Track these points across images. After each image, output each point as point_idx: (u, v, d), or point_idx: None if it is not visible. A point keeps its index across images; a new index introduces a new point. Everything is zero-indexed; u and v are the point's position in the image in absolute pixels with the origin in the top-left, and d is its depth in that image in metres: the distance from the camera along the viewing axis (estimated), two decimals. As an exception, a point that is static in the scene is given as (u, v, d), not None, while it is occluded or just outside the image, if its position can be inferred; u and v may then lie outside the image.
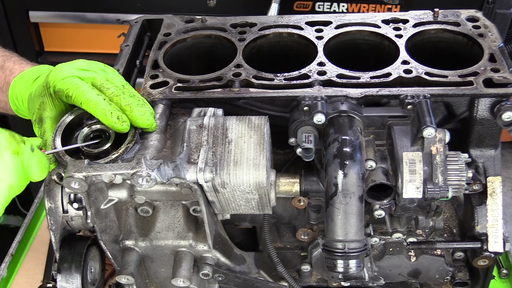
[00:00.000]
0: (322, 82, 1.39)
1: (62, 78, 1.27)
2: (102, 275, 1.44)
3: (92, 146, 1.25)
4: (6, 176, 1.13)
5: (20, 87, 1.42)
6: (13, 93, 1.44)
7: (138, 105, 1.26)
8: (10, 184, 1.14)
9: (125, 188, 1.29)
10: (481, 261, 1.47)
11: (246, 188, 1.27)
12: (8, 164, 1.13)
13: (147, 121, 1.26)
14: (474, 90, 1.34)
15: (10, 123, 3.03)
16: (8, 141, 1.14)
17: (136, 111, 1.24)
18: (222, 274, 1.42)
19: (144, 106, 1.27)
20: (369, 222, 1.42)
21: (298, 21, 1.60)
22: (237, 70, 1.44)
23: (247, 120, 1.32)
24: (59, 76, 1.27)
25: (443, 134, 1.28)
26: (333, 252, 1.27)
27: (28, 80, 1.41)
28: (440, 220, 1.42)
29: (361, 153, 1.27)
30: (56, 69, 1.30)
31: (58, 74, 1.28)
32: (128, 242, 1.38)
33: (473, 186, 1.40)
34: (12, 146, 1.14)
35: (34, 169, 1.19)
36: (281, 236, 1.59)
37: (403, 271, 1.54)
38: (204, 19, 1.65)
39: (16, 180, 1.15)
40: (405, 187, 1.27)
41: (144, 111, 1.26)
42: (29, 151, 1.18)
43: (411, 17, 1.58)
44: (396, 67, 1.42)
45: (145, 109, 1.26)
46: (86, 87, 1.25)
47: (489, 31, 1.50)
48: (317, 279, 1.62)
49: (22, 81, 1.43)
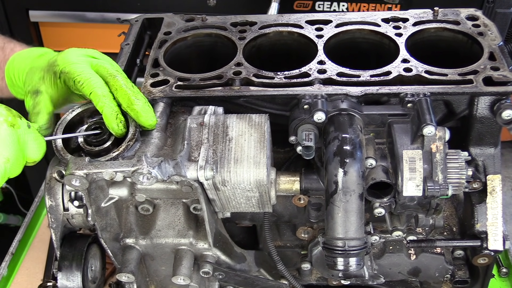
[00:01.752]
0: (322, 81, 1.39)
1: (73, 63, 1.25)
2: (103, 273, 1.44)
3: (93, 144, 1.26)
4: (2, 149, 1.09)
5: (20, 61, 1.39)
6: (11, 67, 1.39)
7: (145, 102, 1.26)
8: (6, 158, 1.09)
9: (126, 186, 1.29)
10: (481, 259, 1.47)
11: (247, 186, 1.28)
12: (4, 137, 1.09)
13: (151, 120, 1.27)
14: (474, 88, 1.34)
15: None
16: (4, 114, 1.11)
17: (143, 107, 1.25)
18: (223, 272, 1.42)
19: (149, 105, 1.28)
20: (369, 220, 1.42)
21: (298, 20, 1.61)
22: (237, 69, 1.44)
23: (248, 118, 1.32)
24: (70, 59, 1.26)
25: (443, 132, 1.28)
26: (333, 250, 1.27)
27: (30, 56, 1.38)
28: (440, 218, 1.42)
29: (361, 151, 1.27)
30: (68, 52, 1.28)
31: (69, 57, 1.26)
32: (129, 240, 1.38)
33: (473, 184, 1.40)
34: (8, 118, 1.11)
35: (31, 146, 1.16)
36: (281, 235, 1.59)
37: (403, 269, 1.54)
38: (204, 18, 1.65)
39: (13, 154, 1.11)
40: (405, 185, 1.27)
41: (150, 109, 1.27)
42: (25, 126, 1.15)
43: (411, 15, 1.58)
44: (396, 65, 1.42)
45: (150, 108, 1.27)
46: (97, 79, 1.24)
47: (489, 30, 1.50)
48: (317, 277, 1.62)
49: (23, 56, 1.39)
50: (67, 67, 1.24)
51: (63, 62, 1.25)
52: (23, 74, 1.36)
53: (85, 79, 1.23)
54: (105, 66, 1.28)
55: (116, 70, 1.28)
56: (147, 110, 1.26)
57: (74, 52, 1.29)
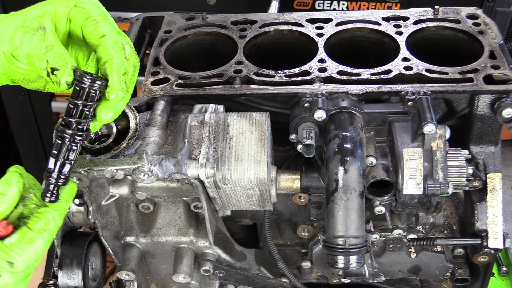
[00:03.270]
0: (322, 79, 1.39)
1: (96, 4, 1.13)
2: (103, 271, 1.45)
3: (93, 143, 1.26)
4: None
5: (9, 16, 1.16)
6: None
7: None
8: None
9: (126, 184, 1.29)
10: (481, 257, 1.47)
11: (247, 184, 1.28)
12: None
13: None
14: (474, 86, 1.34)
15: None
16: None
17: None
18: (223, 270, 1.42)
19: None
20: (370, 219, 1.42)
21: (299, 18, 1.61)
22: (238, 67, 1.44)
23: (248, 117, 1.32)
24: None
25: (443, 130, 1.28)
26: (333, 248, 1.27)
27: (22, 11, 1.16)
28: (440, 216, 1.43)
29: (361, 150, 1.27)
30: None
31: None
32: (129, 238, 1.38)
33: (473, 182, 1.40)
34: None
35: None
36: (281, 233, 1.59)
37: (403, 268, 1.55)
38: (205, 16, 1.65)
39: None
40: (406, 183, 1.28)
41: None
42: None
43: (411, 14, 1.59)
44: (397, 64, 1.42)
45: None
46: (113, 26, 1.12)
47: (489, 29, 1.50)
48: (318, 276, 1.62)
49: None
50: (86, 3, 1.11)
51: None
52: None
53: (100, 20, 1.10)
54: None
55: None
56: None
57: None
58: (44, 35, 1.07)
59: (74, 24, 1.12)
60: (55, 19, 1.11)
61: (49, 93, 2.89)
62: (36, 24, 1.08)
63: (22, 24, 1.09)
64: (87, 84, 1.03)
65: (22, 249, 0.97)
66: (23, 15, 1.11)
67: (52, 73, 1.04)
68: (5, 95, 2.89)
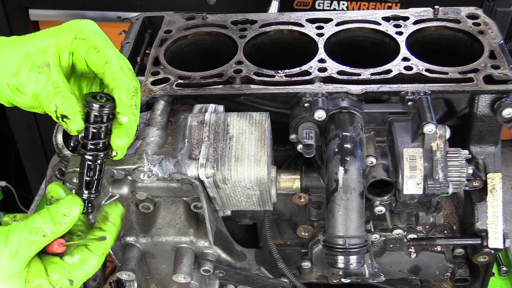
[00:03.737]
0: (322, 79, 1.39)
1: (95, 31, 1.14)
2: (103, 271, 1.45)
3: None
4: None
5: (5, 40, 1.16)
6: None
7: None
8: None
9: (126, 184, 1.29)
10: (481, 257, 1.47)
11: (247, 184, 1.28)
12: None
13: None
14: (474, 86, 1.34)
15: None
16: None
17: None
18: (223, 270, 1.42)
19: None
20: (370, 219, 1.42)
21: (299, 18, 1.61)
22: (238, 67, 1.44)
23: (248, 116, 1.32)
24: (91, 26, 1.14)
25: (443, 130, 1.28)
26: (333, 248, 1.27)
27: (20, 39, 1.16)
28: (440, 216, 1.43)
29: (361, 149, 1.27)
30: (85, 20, 1.16)
31: (90, 24, 1.15)
32: (129, 238, 1.38)
33: (473, 182, 1.40)
34: None
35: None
36: (281, 233, 1.59)
37: (403, 268, 1.55)
38: (205, 16, 1.65)
39: None
40: (406, 183, 1.28)
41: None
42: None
43: (411, 14, 1.59)
44: (397, 63, 1.42)
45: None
46: (117, 51, 1.13)
47: (489, 28, 1.50)
48: (318, 276, 1.62)
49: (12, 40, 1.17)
50: (86, 32, 1.12)
51: (81, 26, 1.13)
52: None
53: (102, 46, 1.11)
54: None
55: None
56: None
57: (93, 23, 1.17)
58: (49, 74, 1.08)
59: (77, 57, 1.13)
60: (59, 53, 1.13)
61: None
62: (40, 60, 1.09)
63: (26, 59, 1.10)
64: (97, 110, 1.06)
65: (82, 268, 1.07)
66: (26, 49, 1.12)
67: (62, 119, 1.07)
68: (5, 95, 2.89)
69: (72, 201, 1.07)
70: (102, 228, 1.13)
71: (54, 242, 1.05)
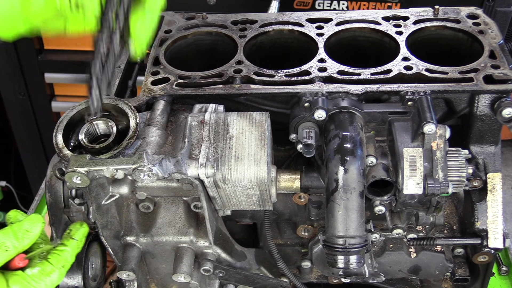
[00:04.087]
0: (322, 79, 1.39)
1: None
2: (103, 271, 1.44)
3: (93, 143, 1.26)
4: None
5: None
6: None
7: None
8: None
9: (126, 184, 1.29)
10: (481, 257, 1.47)
11: (247, 184, 1.28)
12: None
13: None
14: (474, 86, 1.34)
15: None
16: None
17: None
18: (223, 270, 1.42)
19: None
20: (370, 218, 1.42)
21: (299, 18, 1.61)
22: (238, 67, 1.44)
23: (248, 116, 1.32)
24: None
25: (443, 130, 1.28)
26: (333, 248, 1.27)
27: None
28: (440, 216, 1.43)
29: (361, 149, 1.27)
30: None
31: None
32: (129, 238, 1.38)
33: (473, 182, 1.40)
34: None
35: None
36: (281, 233, 1.59)
37: (403, 267, 1.55)
38: (205, 16, 1.65)
39: None
40: (406, 183, 1.28)
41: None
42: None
43: (411, 14, 1.59)
44: (397, 63, 1.42)
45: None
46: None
47: (489, 28, 1.50)
48: (318, 275, 1.62)
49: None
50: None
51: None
52: None
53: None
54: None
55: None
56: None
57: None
58: None
59: None
60: None
61: (49, 93, 2.89)
62: None
63: None
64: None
65: (42, 280, 1.12)
66: None
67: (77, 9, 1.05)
68: (5, 95, 2.89)
69: (35, 218, 1.14)
70: (65, 243, 1.21)
71: (16, 258, 1.10)
